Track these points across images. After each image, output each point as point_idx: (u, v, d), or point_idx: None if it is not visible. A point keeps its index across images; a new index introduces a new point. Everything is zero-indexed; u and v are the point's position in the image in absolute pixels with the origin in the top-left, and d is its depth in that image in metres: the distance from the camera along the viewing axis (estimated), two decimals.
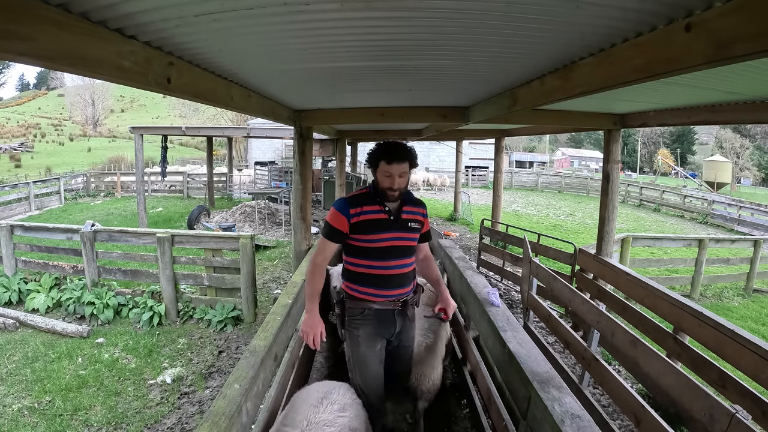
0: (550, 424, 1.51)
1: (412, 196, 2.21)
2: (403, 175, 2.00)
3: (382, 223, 2.05)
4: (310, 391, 2.01)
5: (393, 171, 1.97)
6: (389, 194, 2.01)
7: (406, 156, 1.99)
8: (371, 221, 2.04)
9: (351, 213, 2.03)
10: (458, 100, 3.87)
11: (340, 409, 1.94)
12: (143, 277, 5.46)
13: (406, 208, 2.12)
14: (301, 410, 1.86)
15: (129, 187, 17.66)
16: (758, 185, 40.88)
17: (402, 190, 2.04)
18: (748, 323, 5.72)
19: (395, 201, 2.08)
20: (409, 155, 2.01)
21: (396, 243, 2.08)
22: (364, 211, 2.04)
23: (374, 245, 2.06)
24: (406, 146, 2.03)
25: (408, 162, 2.00)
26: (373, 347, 2.13)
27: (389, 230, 2.06)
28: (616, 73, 1.67)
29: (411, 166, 2.04)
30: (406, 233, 2.11)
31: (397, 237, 2.08)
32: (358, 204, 2.05)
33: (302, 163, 4.46)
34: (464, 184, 21.31)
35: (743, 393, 2.23)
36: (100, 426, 3.29)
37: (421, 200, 2.27)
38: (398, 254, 2.09)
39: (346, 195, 2.27)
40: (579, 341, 3.05)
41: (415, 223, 2.13)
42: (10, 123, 47.78)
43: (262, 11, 1.44)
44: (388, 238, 2.06)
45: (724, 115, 3.25)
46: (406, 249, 2.12)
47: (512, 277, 6.31)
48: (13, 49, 1.06)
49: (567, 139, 58.13)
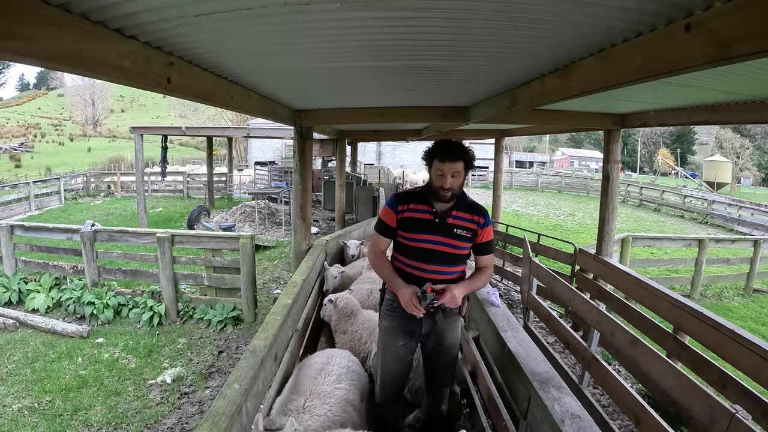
0: (550, 424, 1.51)
1: (468, 201, 2.10)
2: (456, 175, 1.94)
3: (425, 224, 2.02)
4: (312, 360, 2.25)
5: (445, 170, 1.92)
6: (441, 194, 1.96)
7: (461, 155, 1.93)
8: (415, 219, 2.03)
9: (399, 209, 2.05)
10: (458, 100, 3.87)
11: (336, 381, 2.16)
12: (143, 277, 5.46)
13: (456, 213, 2.04)
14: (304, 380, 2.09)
15: (129, 187, 17.65)
16: (758, 185, 40.86)
17: (455, 191, 1.97)
18: (748, 323, 5.72)
19: (447, 202, 2.01)
20: (464, 154, 1.95)
21: (438, 248, 2.02)
22: (410, 208, 2.04)
23: (415, 245, 2.04)
24: (461, 145, 1.97)
25: (462, 161, 1.94)
26: (395, 341, 2.14)
27: (431, 232, 2.01)
28: (616, 73, 1.67)
29: (467, 167, 1.97)
30: (451, 239, 2.02)
31: (439, 241, 2.02)
32: (406, 201, 2.06)
33: (302, 163, 4.46)
34: (464, 184, 21.28)
35: (743, 393, 2.23)
36: (100, 426, 3.29)
37: (480, 207, 2.12)
38: (439, 260, 2.03)
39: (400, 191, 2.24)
40: (579, 341, 3.05)
41: (462, 230, 2.03)
42: (10, 123, 47.77)
43: (262, 11, 1.44)
44: (430, 241, 2.02)
45: (724, 115, 3.25)
46: (449, 256, 2.04)
47: (512, 277, 6.31)
48: (13, 49, 1.06)
49: (567, 139, 58.11)
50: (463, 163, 1.94)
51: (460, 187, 2.00)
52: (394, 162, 27.85)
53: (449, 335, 2.16)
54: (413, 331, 2.12)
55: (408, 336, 2.13)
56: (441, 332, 2.13)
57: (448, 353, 2.20)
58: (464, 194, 2.08)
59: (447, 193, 1.95)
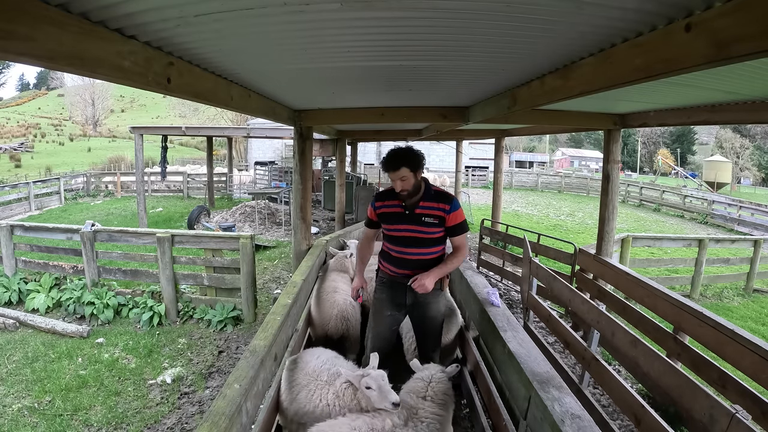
0: (550, 424, 1.51)
1: (433, 191, 2.44)
2: (405, 179, 2.29)
3: (398, 216, 2.44)
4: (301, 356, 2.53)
5: (393, 178, 2.31)
6: (399, 194, 2.37)
7: (401, 164, 2.26)
8: (390, 213, 2.47)
9: (377, 206, 2.53)
10: (458, 100, 3.87)
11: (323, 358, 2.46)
12: (143, 277, 5.46)
13: (423, 204, 2.40)
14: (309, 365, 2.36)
15: (129, 187, 17.66)
16: (758, 185, 40.86)
17: (409, 190, 2.34)
18: (748, 323, 5.72)
19: (406, 199, 2.40)
20: (402, 162, 2.26)
21: (411, 234, 2.42)
22: (386, 204, 2.49)
23: (394, 234, 2.49)
24: (399, 154, 2.29)
25: (404, 167, 2.26)
26: (383, 311, 2.61)
27: (403, 222, 2.42)
28: (616, 73, 1.67)
29: (412, 168, 2.28)
30: (420, 227, 2.39)
31: (411, 229, 2.41)
32: (383, 198, 2.52)
33: (302, 163, 4.46)
34: (464, 184, 21.31)
35: (743, 393, 2.23)
36: (100, 426, 3.29)
37: (446, 195, 2.44)
38: (414, 244, 2.43)
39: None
40: (579, 341, 3.05)
41: (429, 218, 2.38)
42: (10, 123, 47.76)
43: (262, 11, 1.44)
44: (403, 229, 2.44)
45: (724, 115, 3.25)
46: (422, 240, 2.42)
47: (512, 277, 6.31)
48: (12, 49, 1.06)
49: (567, 139, 58.12)
50: (407, 168, 2.26)
51: (415, 185, 2.35)
52: None
53: (431, 307, 2.57)
54: (399, 303, 2.57)
55: (395, 307, 2.58)
56: (424, 304, 2.54)
57: (431, 323, 2.63)
58: (429, 187, 2.44)
59: (402, 193, 2.35)
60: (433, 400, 2.09)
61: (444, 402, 2.12)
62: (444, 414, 2.08)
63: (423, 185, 2.43)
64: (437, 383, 2.16)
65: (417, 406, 2.06)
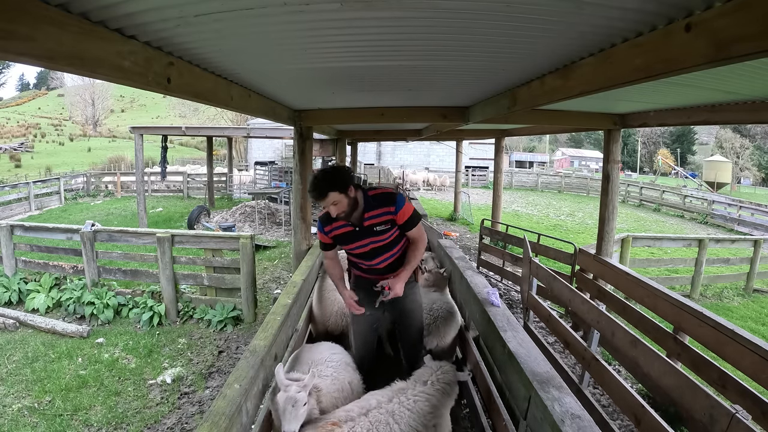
0: (550, 424, 1.51)
1: (372, 198, 2.30)
2: (336, 203, 2.15)
3: (350, 235, 2.35)
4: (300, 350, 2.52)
5: (324, 205, 2.18)
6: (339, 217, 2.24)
7: (326, 189, 2.11)
8: (342, 234, 2.38)
9: (326, 230, 2.40)
10: (458, 100, 3.87)
11: (330, 348, 2.47)
12: (143, 277, 5.46)
13: (369, 214, 2.29)
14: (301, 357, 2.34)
15: (129, 187, 17.66)
16: (758, 185, 40.85)
17: (345, 211, 2.20)
18: (748, 323, 5.72)
19: (346, 219, 2.28)
20: (328, 187, 2.11)
21: (369, 247, 2.37)
22: (334, 228, 2.38)
23: (353, 251, 2.44)
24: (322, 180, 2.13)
25: (332, 192, 2.11)
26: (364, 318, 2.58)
27: (358, 239, 2.34)
28: (616, 73, 1.67)
29: (341, 190, 2.13)
30: (375, 237, 2.33)
31: (368, 243, 2.35)
32: (329, 222, 2.37)
33: (302, 163, 4.46)
34: (464, 184, 21.30)
35: (743, 393, 2.23)
36: (100, 426, 3.29)
37: (386, 197, 2.31)
38: (376, 254, 2.40)
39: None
40: (579, 341, 3.05)
41: (380, 226, 2.30)
42: (10, 123, 47.74)
43: (262, 11, 1.44)
44: (361, 246, 2.37)
45: (724, 115, 3.25)
46: (381, 248, 2.38)
47: (512, 277, 6.31)
48: (12, 49, 1.06)
49: (567, 139, 58.11)
50: (335, 192, 2.12)
51: (350, 203, 2.21)
52: (394, 162, 27.85)
53: (408, 299, 2.57)
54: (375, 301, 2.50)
55: (372, 306, 2.51)
56: (402, 298, 2.48)
57: (411, 315, 2.63)
58: (366, 196, 2.30)
59: (340, 215, 2.21)
60: (434, 385, 2.14)
61: (443, 390, 2.16)
62: (440, 399, 2.11)
63: (360, 196, 2.28)
64: (444, 373, 2.22)
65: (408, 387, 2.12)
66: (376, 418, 1.89)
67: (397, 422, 1.90)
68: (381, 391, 2.13)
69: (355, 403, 2.01)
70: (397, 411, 1.95)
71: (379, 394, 2.09)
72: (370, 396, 2.09)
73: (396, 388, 2.14)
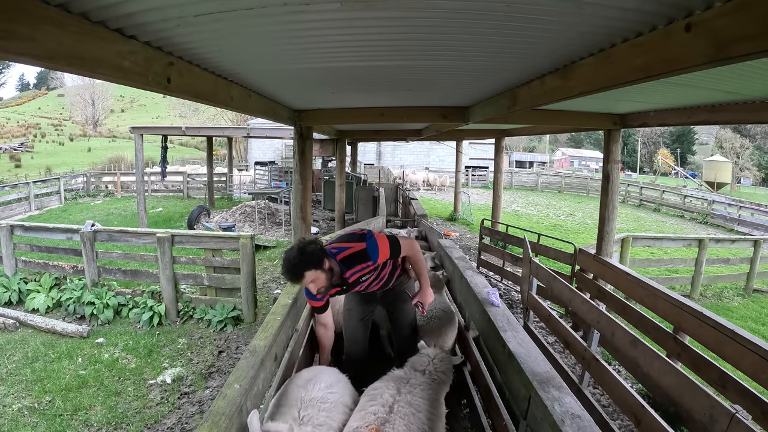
0: (550, 424, 1.51)
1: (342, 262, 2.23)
2: (314, 281, 2.10)
3: (340, 293, 2.44)
4: (297, 376, 2.16)
5: (303, 285, 2.15)
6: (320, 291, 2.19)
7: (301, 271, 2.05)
8: (332, 296, 2.44)
9: (318, 297, 2.30)
10: (458, 100, 3.87)
11: (328, 387, 2.07)
12: (143, 277, 5.46)
13: (349, 273, 2.25)
14: (291, 393, 1.97)
15: (129, 187, 17.65)
16: (758, 185, 40.84)
17: (323, 288, 2.14)
18: (748, 323, 5.72)
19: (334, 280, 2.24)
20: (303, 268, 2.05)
21: (364, 292, 2.49)
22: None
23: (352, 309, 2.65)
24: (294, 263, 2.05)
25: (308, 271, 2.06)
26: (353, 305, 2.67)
27: (350, 290, 2.42)
28: (616, 73, 1.67)
29: (316, 267, 2.07)
30: (364, 282, 2.38)
31: (360, 293, 2.49)
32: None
33: (302, 163, 4.46)
34: (464, 184, 21.29)
35: (743, 393, 2.23)
36: (100, 426, 3.29)
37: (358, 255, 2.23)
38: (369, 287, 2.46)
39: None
40: (579, 341, 3.05)
41: (365, 276, 2.33)
42: (10, 123, 47.73)
43: (262, 11, 1.44)
44: (356, 301, 2.59)
45: (724, 115, 3.25)
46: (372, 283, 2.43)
47: (512, 277, 6.31)
48: (13, 49, 1.06)
49: (567, 139, 58.08)
50: (311, 270, 2.06)
51: (328, 276, 2.15)
52: (394, 162, 27.86)
53: (400, 295, 2.66)
54: (368, 299, 2.64)
55: (364, 302, 2.63)
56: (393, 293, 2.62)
57: (403, 310, 2.70)
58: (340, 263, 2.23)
59: (321, 290, 2.15)
60: (431, 375, 2.15)
61: (440, 379, 2.17)
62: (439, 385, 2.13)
63: (334, 263, 2.21)
64: (440, 361, 2.23)
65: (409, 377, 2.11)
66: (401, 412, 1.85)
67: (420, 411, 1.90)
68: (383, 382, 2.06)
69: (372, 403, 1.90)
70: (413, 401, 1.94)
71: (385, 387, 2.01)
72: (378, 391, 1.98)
73: (395, 377, 2.11)
